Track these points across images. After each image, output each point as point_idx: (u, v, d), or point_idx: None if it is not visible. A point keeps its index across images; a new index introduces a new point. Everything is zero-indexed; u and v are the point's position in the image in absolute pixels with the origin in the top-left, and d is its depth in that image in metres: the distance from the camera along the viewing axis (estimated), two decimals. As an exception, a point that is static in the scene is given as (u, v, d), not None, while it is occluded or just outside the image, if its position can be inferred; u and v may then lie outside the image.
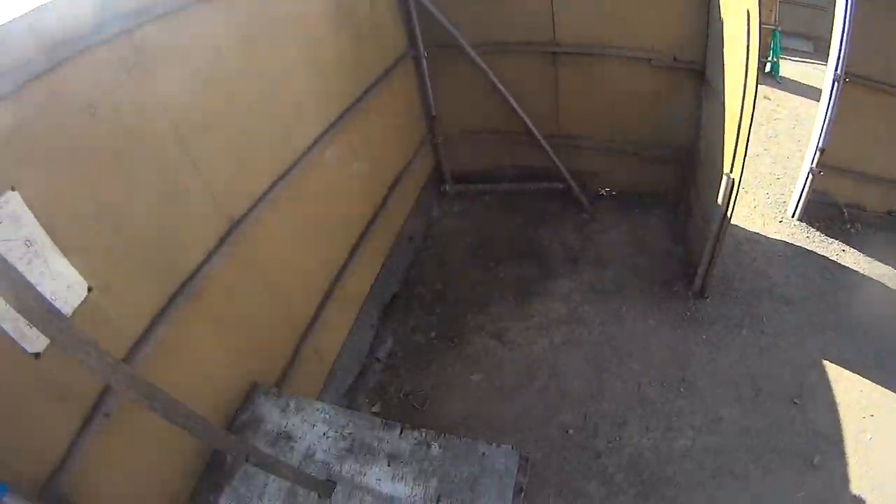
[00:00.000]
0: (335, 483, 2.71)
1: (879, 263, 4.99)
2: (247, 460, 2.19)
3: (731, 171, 3.98)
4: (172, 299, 2.58)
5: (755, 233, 5.50)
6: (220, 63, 2.82)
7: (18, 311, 1.40)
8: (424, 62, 5.27)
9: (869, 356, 4.23)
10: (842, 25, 4.51)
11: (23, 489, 1.84)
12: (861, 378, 4.10)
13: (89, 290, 2.11)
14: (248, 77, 3.04)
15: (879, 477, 3.53)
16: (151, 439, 2.42)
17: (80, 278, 2.07)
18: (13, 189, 1.79)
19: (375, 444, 2.87)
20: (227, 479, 2.74)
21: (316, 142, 3.69)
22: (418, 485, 2.70)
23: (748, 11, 3.50)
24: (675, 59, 4.81)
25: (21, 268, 1.77)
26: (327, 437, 2.90)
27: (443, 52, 5.22)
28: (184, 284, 2.65)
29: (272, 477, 2.63)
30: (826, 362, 4.23)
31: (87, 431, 2.14)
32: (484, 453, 2.80)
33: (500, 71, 5.24)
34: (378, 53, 4.66)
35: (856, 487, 3.50)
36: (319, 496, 2.65)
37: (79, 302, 2.06)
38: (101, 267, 2.19)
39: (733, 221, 4.26)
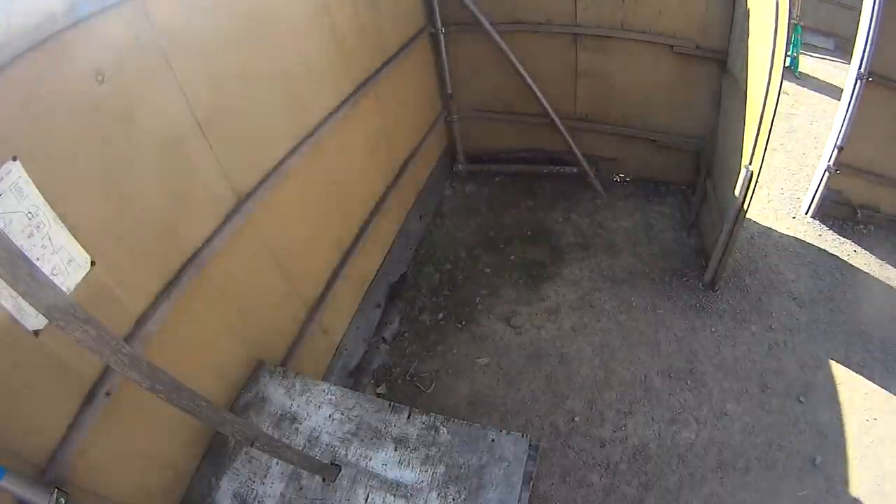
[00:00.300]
0: (340, 467, 2.66)
1: (890, 267, 4.93)
2: (252, 445, 2.13)
3: (750, 164, 3.89)
4: (178, 275, 2.48)
5: (768, 227, 5.42)
6: (233, 33, 2.68)
7: (14, 287, 1.30)
8: (442, 39, 5.11)
9: (875, 359, 4.20)
10: (868, 23, 4.35)
11: (21, 471, 1.78)
12: (866, 380, 4.07)
13: (92, 264, 2.01)
14: (262, 48, 2.90)
15: (879, 482, 3.53)
16: (153, 419, 2.35)
17: (83, 253, 1.96)
18: (15, 159, 1.67)
19: (382, 427, 2.80)
20: (230, 460, 2.69)
21: (329, 116, 3.56)
22: (425, 471, 2.64)
23: (777, 3, 3.40)
24: (697, 47, 4.67)
25: (22, 241, 1.68)
26: (333, 420, 2.83)
27: (461, 30, 5.08)
28: (190, 260, 2.55)
29: (275, 459, 2.56)
30: (833, 362, 4.20)
31: (88, 411, 2.06)
32: (493, 440, 2.73)
33: (519, 51, 5.09)
34: (395, 29, 4.50)
35: (855, 490, 3.50)
36: (324, 480, 2.60)
37: (81, 277, 1.96)
38: (105, 241, 2.09)
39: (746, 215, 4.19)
